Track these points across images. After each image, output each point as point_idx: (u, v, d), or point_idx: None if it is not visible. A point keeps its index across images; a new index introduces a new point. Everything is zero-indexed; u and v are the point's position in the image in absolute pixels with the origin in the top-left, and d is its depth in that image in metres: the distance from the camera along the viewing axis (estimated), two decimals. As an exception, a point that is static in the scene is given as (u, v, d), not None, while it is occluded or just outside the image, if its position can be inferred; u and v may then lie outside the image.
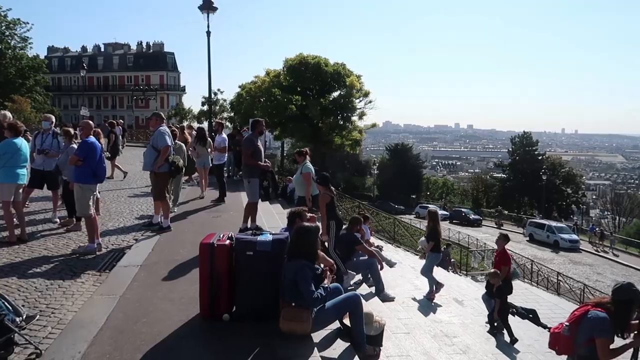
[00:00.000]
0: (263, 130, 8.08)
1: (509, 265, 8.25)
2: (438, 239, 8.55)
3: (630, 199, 63.00)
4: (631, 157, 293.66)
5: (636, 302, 4.06)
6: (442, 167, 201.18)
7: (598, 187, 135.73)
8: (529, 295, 15.44)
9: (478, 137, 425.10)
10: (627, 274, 26.34)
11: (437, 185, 66.60)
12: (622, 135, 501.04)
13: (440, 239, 8.67)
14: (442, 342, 6.17)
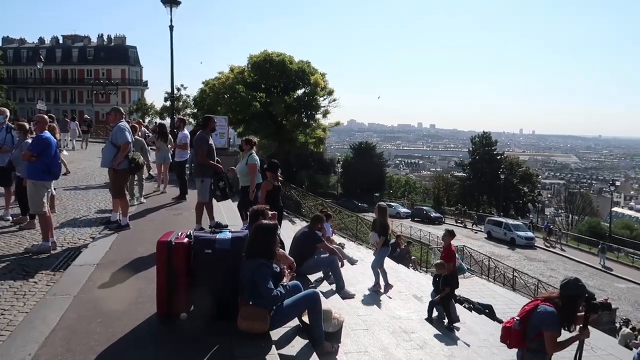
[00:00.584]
0: (215, 127, 8.01)
1: (454, 261, 8.44)
2: (387, 233, 8.72)
3: (582, 198, 65.68)
4: (584, 158, 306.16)
5: (582, 297, 4.27)
6: (405, 165, 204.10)
7: (553, 186, 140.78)
8: (486, 291, 15.93)
9: (440, 137, 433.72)
10: (578, 270, 27.50)
11: (399, 183, 67.53)
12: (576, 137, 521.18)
13: (388, 233, 8.80)
14: (401, 337, 6.30)
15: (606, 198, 66.41)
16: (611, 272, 28.11)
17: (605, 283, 25.35)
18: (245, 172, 8.58)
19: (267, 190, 7.19)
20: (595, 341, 10.54)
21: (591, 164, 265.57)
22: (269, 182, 7.26)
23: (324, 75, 25.49)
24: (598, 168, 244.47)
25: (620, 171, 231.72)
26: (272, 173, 7.34)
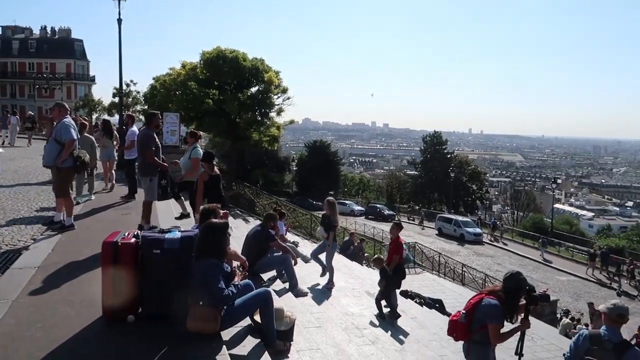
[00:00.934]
0: (160, 125, 7.83)
1: (401, 253, 8.58)
2: (336, 228, 8.81)
3: (527, 195, 68.69)
4: (529, 157, 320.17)
5: (523, 290, 4.46)
6: (359, 164, 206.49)
7: (500, 184, 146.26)
8: (437, 286, 16.37)
9: (393, 136, 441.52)
10: (522, 264, 28.71)
11: (354, 182, 68.20)
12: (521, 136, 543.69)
13: (336, 228, 8.90)
14: (353, 334, 6.39)
15: (548, 195, 69.63)
16: (551, 264, 29.54)
17: (548, 276, 26.60)
18: (189, 166, 8.42)
19: (204, 181, 7.12)
20: (537, 331, 11.05)
21: (535, 163, 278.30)
22: (205, 173, 7.20)
23: (278, 73, 25.36)
24: (541, 166, 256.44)
25: (562, 169, 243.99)
26: (208, 163, 7.29)
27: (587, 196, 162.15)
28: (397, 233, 8.71)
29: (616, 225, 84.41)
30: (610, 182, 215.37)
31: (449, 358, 6.78)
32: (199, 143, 8.67)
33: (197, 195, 7.22)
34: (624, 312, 4.13)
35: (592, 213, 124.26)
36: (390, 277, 8.35)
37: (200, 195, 7.16)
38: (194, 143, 8.38)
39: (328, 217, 8.77)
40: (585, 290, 24.00)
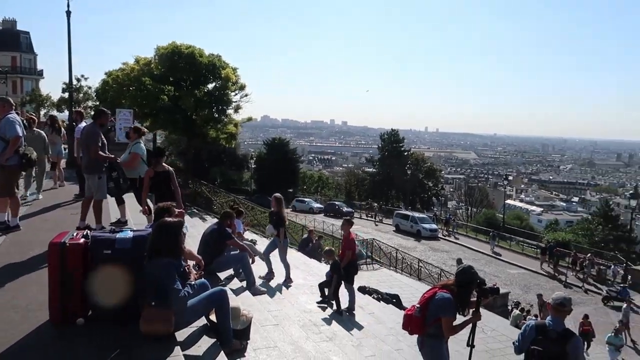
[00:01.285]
0: (105, 123, 7.55)
1: (353, 249, 8.66)
2: (283, 225, 8.83)
3: (480, 192, 70.92)
4: (482, 154, 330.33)
5: (474, 283, 4.60)
6: (318, 161, 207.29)
7: (455, 181, 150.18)
8: (394, 281, 16.65)
9: (352, 133, 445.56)
10: (476, 258, 29.60)
11: (313, 179, 68.34)
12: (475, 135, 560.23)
13: (285, 224, 8.92)
14: (310, 330, 6.41)
15: (500, 191, 72.02)
16: (500, 257, 30.72)
17: (500, 269, 27.54)
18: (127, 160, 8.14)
19: (149, 177, 6.98)
20: (490, 323, 11.44)
21: (488, 160, 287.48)
22: (151, 169, 7.05)
23: (236, 70, 25.03)
24: (494, 164, 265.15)
25: (513, 166, 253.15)
26: (156, 159, 7.15)
27: (536, 192, 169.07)
28: (348, 229, 8.78)
29: (563, 219, 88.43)
30: (557, 178, 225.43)
31: (405, 352, 6.92)
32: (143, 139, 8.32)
33: (142, 191, 7.06)
34: (565, 302, 4.34)
35: (541, 208, 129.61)
36: (340, 271, 8.42)
37: (145, 192, 7.01)
38: (136, 139, 8.03)
39: (276, 213, 8.78)
40: (534, 283, 25.00)
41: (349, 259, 8.53)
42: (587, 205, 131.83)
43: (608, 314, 20.51)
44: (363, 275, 17.43)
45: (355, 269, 8.96)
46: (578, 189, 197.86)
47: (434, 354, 4.62)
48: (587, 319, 16.08)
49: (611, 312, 20.99)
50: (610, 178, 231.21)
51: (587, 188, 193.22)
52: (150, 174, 6.95)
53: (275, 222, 8.81)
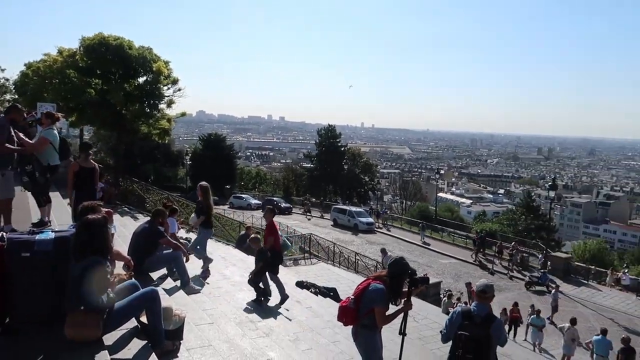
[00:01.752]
0: (18, 120, 6.93)
1: (275, 236, 8.64)
2: (209, 214, 8.69)
3: (414, 185, 73.34)
4: (416, 149, 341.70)
5: (406, 274, 4.77)
6: (255, 157, 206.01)
7: (390, 175, 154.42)
8: (331, 275, 16.86)
9: (289, 129, 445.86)
10: (410, 249, 30.59)
11: (250, 175, 67.71)
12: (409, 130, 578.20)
13: (211, 214, 8.77)
14: (247, 327, 6.37)
15: (433, 185, 74.98)
16: (429, 246, 32.05)
17: (432, 260, 28.62)
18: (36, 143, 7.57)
19: (73, 172, 6.65)
20: (422, 312, 11.88)
21: (421, 155, 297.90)
22: (76, 164, 6.73)
23: (168, 63, 24.10)
24: (427, 158, 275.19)
25: (444, 161, 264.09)
26: (82, 154, 6.83)
27: (465, 185, 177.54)
28: (270, 218, 8.77)
29: (490, 211, 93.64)
30: (485, 172, 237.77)
31: (342, 343, 7.03)
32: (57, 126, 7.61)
33: (67, 187, 6.71)
34: (487, 289, 4.61)
35: (470, 200, 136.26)
36: (266, 259, 8.42)
37: (70, 187, 6.65)
38: (49, 125, 7.36)
39: (202, 203, 8.64)
40: (464, 272, 26.19)
41: (271, 244, 8.51)
42: (512, 197, 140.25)
43: (530, 298, 21.86)
44: (301, 269, 17.56)
45: (279, 259, 8.96)
46: (504, 181, 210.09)
47: (368, 343, 4.74)
48: (516, 306, 17.04)
49: (533, 297, 22.41)
50: (532, 171, 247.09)
51: (512, 180, 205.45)
52: (75, 169, 6.60)
53: (199, 211, 8.65)
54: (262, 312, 7.63)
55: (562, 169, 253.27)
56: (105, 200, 12.19)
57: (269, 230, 8.69)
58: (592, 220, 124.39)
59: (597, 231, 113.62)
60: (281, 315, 7.93)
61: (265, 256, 8.36)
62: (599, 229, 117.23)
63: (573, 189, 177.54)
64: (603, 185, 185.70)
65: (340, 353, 6.70)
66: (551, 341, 15.80)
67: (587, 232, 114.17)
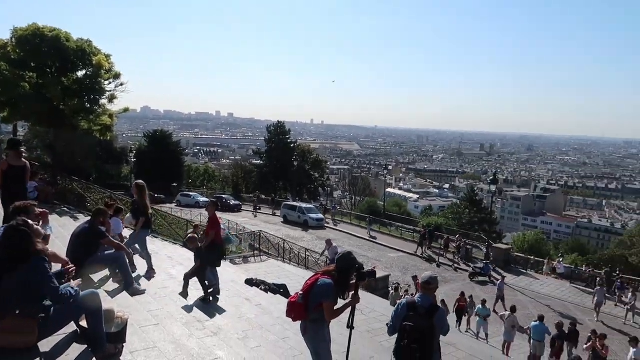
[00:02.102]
0: None
1: (216, 230, 8.54)
2: (147, 214, 8.45)
3: (363, 181, 74.36)
4: (364, 145, 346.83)
5: (354, 268, 4.82)
6: (204, 154, 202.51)
7: (340, 171, 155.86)
8: (282, 272, 16.81)
9: (238, 125, 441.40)
10: (359, 244, 31.03)
11: (198, 172, 66.43)
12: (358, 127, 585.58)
13: (148, 213, 8.54)
14: (194, 327, 6.24)
15: (381, 180, 76.28)
16: (375, 240, 32.84)
17: (381, 254, 29.16)
18: None
19: (2, 170, 6.33)
20: (371, 305, 12.07)
21: (370, 151, 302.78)
22: (5, 162, 6.41)
23: (109, 57, 23.11)
24: (375, 154, 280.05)
25: (392, 157, 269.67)
26: (11, 151, 6.52)
27: (413, 180, 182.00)
28: (213, 211, 8.64)
29: (436, 205, 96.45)
30: (431, 167, 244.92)
31: (291, 339, 7.03)
32: None
33: None
34: (431, 280, 4.74)
35: (417, 195, 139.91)
36: (204, 258, 8.30)
37: None
38: None
39: (137, 202, 8.39)
40: (412, 265, 26.86)
41: (212, 239, 8.40)
42: (457, 191, 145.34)
43: (474, 289, 22.73)
44: (250, 267, 17.42)
45: (221, 252, 8.85)
46: (449, 176, 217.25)
47: (317, 338, 4.77)
48: (463, 295, 17.64)
49: (477, 287, 23.32)
50: (475, 166, 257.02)
51: (456, 175, 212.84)
52: (4, 167, 6.25)
53: (135, 211, 8.39)
54: (210, 311, 7.51)
55: (503, 164, 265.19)
56: (41, 200, 11.61)
57: (210, 223, 8.53)
58: (531, 212, 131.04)
59: (535, 223, 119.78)
60: (229, 314, 7.84)
61: (202, 255, 8.25)
62: (537, 220, 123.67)
63: (513, 183, 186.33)
64: (540, 179, 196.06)
65: (290, 349, 6.71)
66: (493, 329, 16.49)
67: (526, 224, 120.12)
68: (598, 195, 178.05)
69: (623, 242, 60.79)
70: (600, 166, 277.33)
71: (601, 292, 20.02)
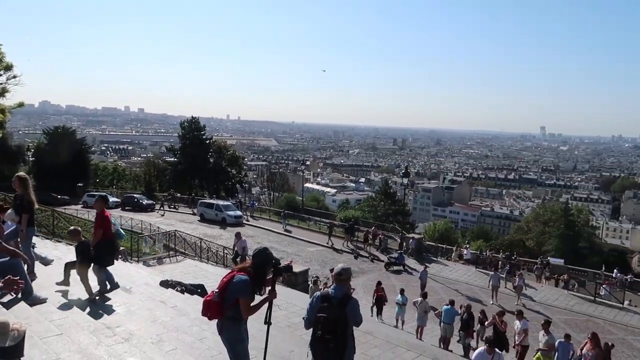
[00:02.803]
0: None
1: (106, 227, 8.07)
2: (32, 209, 7.76)
3: (281, 177, 74.37)
4: (282, 141, 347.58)
5: (270, 263, 4.80)
6: (112, 152, 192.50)
7: (258, 168, 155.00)
8: (199, 271, 16.42)
9: (150, 121, 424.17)
10: (278, 240, 31.01)
11: (107, 171, 62.79)
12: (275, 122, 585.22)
13: (34, 209, 7.83)
14: (103, 334, 5.90)
15: (299, 176, 76.78)
16: (290, 234, 33.37)
17: (300, 249, 29.36)
18: None
19: None
20: (291, 300, 12.15)
21: (287, 147, 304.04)
22: None
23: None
24: (293, 150, 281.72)
25: (310, 152, 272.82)
26: None
27: (330, 175, 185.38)
28: (101, 207, 8.16)
29: (353, 198, 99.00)
30: (347, 162, 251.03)
31: (209, 339, 6.88)
32: None
33: None
34: (343, 272, 4.86)
35: (335, 189, 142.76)
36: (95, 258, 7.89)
37: None
38: None
39: (20, 196, 7.64)
40: (330, 258, 27.32)
41: (100, 237, 7.94)
42: (372, 185, 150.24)
43: (390, 278, 23.63)
44: (165, 268, 16.84)
45: (111, 249, 8.42)
46: (364, 170, 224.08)
47: (233, 336, 4.71)
48: (380, 285, 18.15)
49: (392, 276, 24.26)
50: (389, 160, 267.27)
51: (372, 169, 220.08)
52: None
53: (17, 206, 7.65)
54: (120, 316, 7.13)
55: (414, 158, 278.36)
56: None
57: (99, 220, 8.02)
58: (440, 203, 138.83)
59: (444, 213, 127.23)
60: (142, 318, 7.50)
61: (87, 250, 7.76)
62: (446, 210, 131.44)
63: (424, 176, 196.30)
64: (448, 171, 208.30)
65: (208, 349, 6.56)
66: (408, 315, 17.23)
67: (436, 214, 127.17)
68: (499, 185, 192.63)
69: (521, 228, 66.66)
70: (500, 158, 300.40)
71: (496, 277, 21.43)
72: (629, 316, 20.43)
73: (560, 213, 58.64)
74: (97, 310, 7.06)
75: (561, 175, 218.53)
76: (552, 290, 24.46)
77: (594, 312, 20.66)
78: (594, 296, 22.25)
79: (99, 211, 8.03)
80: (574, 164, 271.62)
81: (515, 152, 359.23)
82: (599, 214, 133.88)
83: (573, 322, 19.11)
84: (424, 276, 21.04)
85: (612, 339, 17.70)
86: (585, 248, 55.30)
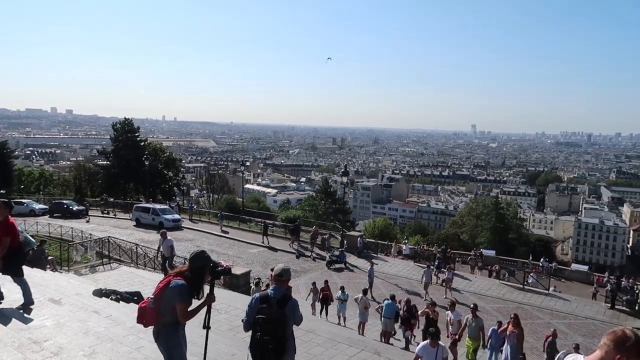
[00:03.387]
0: None
1: (12, 235, 7.53)
2: None
3: (220, 178, 73.24)
4: (221, 142, 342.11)
5: (208, 266, 4.72)
6: (38, 156, 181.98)
7: (196, 169, 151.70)
8: (135, 278, 15.85)
9: (79, 123, 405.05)
10: (219, 242, 30.52)
11: (33, 176, 59.10)
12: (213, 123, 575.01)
13: None
14: (29, 349, 5.57)
15: (239, 177, 75.85)
16: (227, 234, 33.08)
17: (242, 250, 29.01)
18: None
19: None
20: (233, 302, 11.99)
21: (226, 148, 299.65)
22: None
23: None
24: (232, 151, 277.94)
25: (249, 153, 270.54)
26: None
27: (270, 175, 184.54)
28: (5, 213, 7.66)
29: (294, 198, 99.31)
30: (287, 162, 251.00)
31: (146, 348, 6.65)
32: None
33: None
34: (283, 273, 4.86)
35: (276, 190, 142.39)
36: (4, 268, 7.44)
37: None
38: None
39: None
40: (272, 259, 27.19)
41: (6, 247, 7.40)
42: (312, 184, 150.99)
43: (332, 276, 23.88)
44: (99, 277, 16.13)
45: (21, 258, 7.96)
46: (305, 170, 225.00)
47: (170, 342, 4.60)
48: (327, 283, 18.24)
49: (334, 274, 24.53)
50: (328, 159, 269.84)
51: (312, 169, 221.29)
52: None
53: None
54: (49, 330, 6.75)
55: (353, 157, 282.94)
56: None
57: (4, 229, 7.41)
58: (379, 200, 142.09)
59: (383, 210, 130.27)
60: (74, 330, 7.13)
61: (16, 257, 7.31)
62: (385, 207, 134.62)
63: (363, 174, 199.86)
64: (386, 169, 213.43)
65: (145, 358, 6.34)
66: (350, 312, 17.49)
67: (376, 211, 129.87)
68: (434, 181, 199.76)
69: (455, 222, 69.54)
70: (435, 155, 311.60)
71: (428, 273, 22.03)
72: (553, 301, 21.85)
73: (491, 207, 61.69)
74: (22, 325, 6.63)
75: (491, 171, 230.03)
76: (485, 280, 25.70)
77: (522, 299, 21.92)
78: (523, 284, 23.61)
79: (3, 218, 7.45)
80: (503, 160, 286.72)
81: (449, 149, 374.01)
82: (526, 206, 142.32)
83: (505, 309, 20.14)
84: (371, 273, 21.38)
85: (539, 323, 18.91)
86: (514, 239, 58.62)
